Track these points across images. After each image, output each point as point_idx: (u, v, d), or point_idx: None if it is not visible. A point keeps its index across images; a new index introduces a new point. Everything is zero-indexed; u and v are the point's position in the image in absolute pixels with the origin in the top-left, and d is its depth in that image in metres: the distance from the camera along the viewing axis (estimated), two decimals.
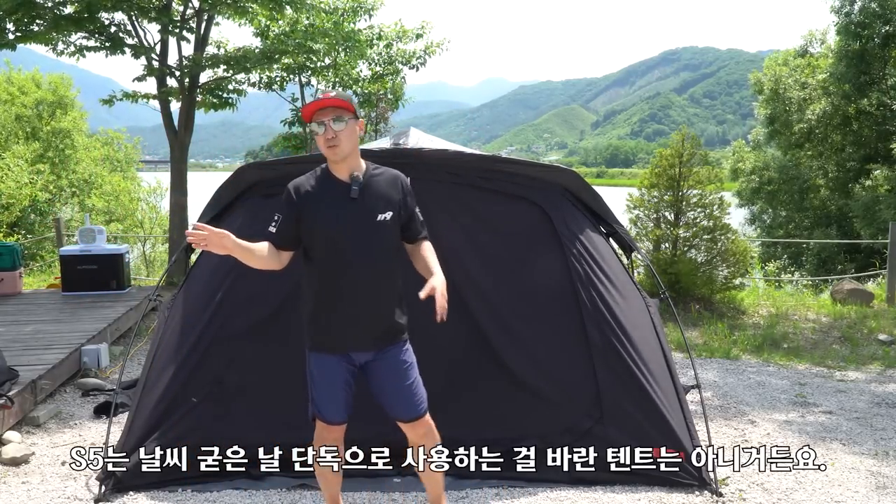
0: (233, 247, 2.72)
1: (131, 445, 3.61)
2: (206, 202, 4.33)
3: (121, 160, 23.14)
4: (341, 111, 2.80)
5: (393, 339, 2.93)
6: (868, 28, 16.29)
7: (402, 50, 12.64)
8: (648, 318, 4.12)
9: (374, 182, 2.90)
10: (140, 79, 9.17)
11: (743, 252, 8.49)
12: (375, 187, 2.89)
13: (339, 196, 2.84)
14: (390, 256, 2.90)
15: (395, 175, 2.98)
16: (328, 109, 2.80)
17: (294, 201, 2.89)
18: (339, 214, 2.82)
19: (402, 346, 2.96)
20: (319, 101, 2.81)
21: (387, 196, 2.89)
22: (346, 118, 2.81)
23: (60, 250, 8.40)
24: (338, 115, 2.79)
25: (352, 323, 2.87)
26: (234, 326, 3.80)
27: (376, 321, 2.89)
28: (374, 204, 2.85)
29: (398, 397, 2.95)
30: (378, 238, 2.84)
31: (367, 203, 2.84)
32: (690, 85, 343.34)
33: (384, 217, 2.85)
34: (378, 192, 2.88)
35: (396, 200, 2.90)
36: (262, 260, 2.86)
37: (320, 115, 2.80)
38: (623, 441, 3.65)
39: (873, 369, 6.35)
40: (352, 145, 2.85)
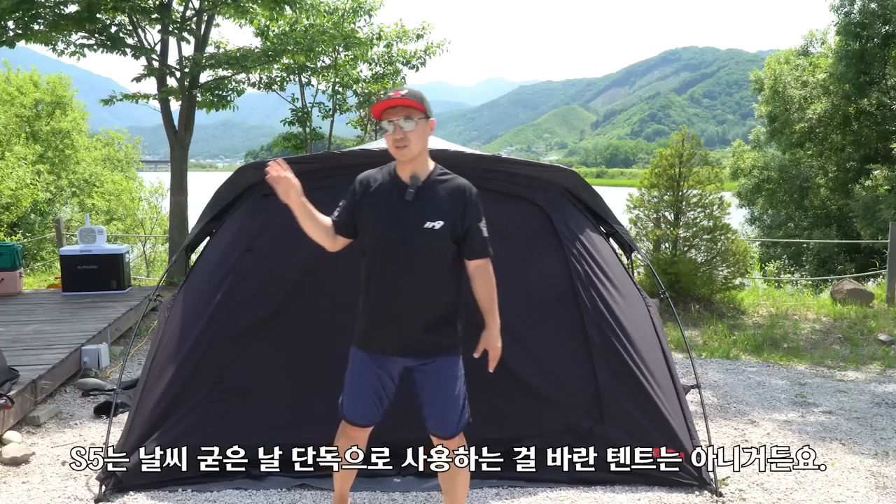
0: (296, 201, 2.70)
1: (131, 445, 3.61)
2: (206, 202, 4.34)
3: (121, 160, 23.16)
4: (412, 110, 2.70)
5: (431, 352, 2.82)
6: (868, 28, 16.29)
7: (403, 50, 12.64)
8: (648, 318, 4.12)
9: (435, 188, 2.76)
10: (140, 79, 9.17)
11: (743, 252, 8.50)
12: (434, 193, 2.75)
13: (397, 197, 2.76)
14: (436, 267, 2.75)
15: (462, 185, 2.79)
16: (398, 108, 2.70)
17: (356, 193, 2.86)
18: (391, 215, 2.75)
19: (448, 361, 2.83)
20: (390, 100, 2.71)
21: (443, 204, 2.73)
22: (416, 118, 2.71)
23: (61, 250, 8.40)
24: (408, 115, 2.70)
25: (383, 325, 2.81)
26: (234, 326, 3.80)
27: (409, 330, 2.79)
28: (427, 210, 2.72)
29: (432, 411, 2.88)
30: (424, 246, 2.72)
31: (421, 208, 2.72)
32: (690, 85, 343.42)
33: (433, 225, 2.70)
34: (435, 199, 2.74)
35: (453, 211, 2.73)
36: (319, 231, 2.84)
37: (389, 113, 2.71)
38: (623, 441, 3.65)
39: (873, 369, 6.35)
40: (420, 146, 2.74)
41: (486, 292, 2.78)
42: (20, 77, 20.50)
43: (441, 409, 2.87)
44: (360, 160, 3.99)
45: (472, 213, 2.75)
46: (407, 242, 2.73)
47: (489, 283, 2.78)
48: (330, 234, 2.87)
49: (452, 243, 2.75)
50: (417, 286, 2.75)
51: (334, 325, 3.83)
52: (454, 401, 2.86)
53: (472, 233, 2.75)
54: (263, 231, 3.95)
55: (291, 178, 2.69)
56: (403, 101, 2.69)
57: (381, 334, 2.83)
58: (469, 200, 2.76)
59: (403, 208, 2.74)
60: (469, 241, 2.75)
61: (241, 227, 4.01)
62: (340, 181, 3.96)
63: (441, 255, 2.76)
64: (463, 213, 2.74)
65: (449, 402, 2.86)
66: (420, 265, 2.74)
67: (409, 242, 2.73)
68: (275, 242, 3.92)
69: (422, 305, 2.77)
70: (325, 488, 3.58)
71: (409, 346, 2.82)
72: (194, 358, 3.75)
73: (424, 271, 2.75)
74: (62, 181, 19.13)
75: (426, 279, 2.75)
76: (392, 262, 2.76)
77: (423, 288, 2.76)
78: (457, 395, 2.86)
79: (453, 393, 2.85)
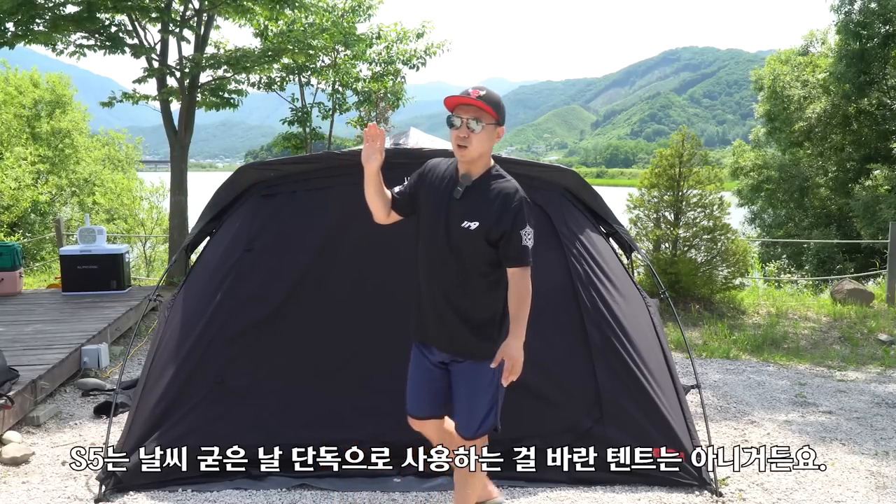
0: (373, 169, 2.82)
1: (131, 445, 3.61)
2: (206, 202, 4.33)
3: (121, 160, 23.15)
4: (484, 113, 2.68)
5: (462, 352, 2.81)
6: (868, 28, 16.28)
7: (403, 50, 12.64)
8: (648, 318, 4.12)
9: (483, 189, 2.73)
10: (140, 79, 9.17)
11: (743, 252, 8.50)
12: (480, 194, 2.72)
13: (449, 192, 2.77)
14: (472, 270, 2.72)
15: (507, 189, 2.72)
16: (471, 108, 2.68)
17: (421, 177, 2.90)
18: (439, 210, 2.76)
19: (479, 365, 2.79)
20: (465, 97, 2.68)
21: (484, 205, 2.70)
22: (485, 122, 2.68)
23: (60, 250, 8.40)
24: (478, 117, 2.67)
25: (423, 315, 2.88)
26: (234, 326, 3.80)
27: (443, 326, 2.81)
28: (468, 209, 2.71)
29: (457, 408, 2.89)
30: (459, 245, 2.71)
31: (464, 207, 2.72)
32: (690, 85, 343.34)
33: (468, 225, 2.68)
34: (479, 200, 2.72)
35: (491, 212, 2.68)
36: (378, 201, 2.91)
37: (461, 110, 2.69)
38: (623, 441, 3.65)
39: (873, 369, 6.35)
40: (481, 150, 2.71)
41: (515, 302, 2.69)
42: (19, 77, 20.51)
43: (464, 409, 2.87)
44: (359, 160, 3.99)
45: (510, 218, 2.67)
46: (445, 239, 2.74)
47: (519, 294, 2.69)
48: (386, 207, 2.92)
49: (488, 247, 2.70)
50: (452, 285, 2.76)
51: (334, 325, 3.84)
52: (479, 404, 2.84)
53: (509, 239, 2.68)
54: (263, 231, 3.95)
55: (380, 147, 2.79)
56: (478, 102, 2.66)
57: (422, 324, 2.89)
58: (509, 205, 2.68)
59: (449, 204, 2.75)
60: (504, 246, 2.69)
61: (241, 227, 4.01)
62: (340, 181, 3.98)
63: (475, 258, 2.72)
64: (500, 217, 2.68)
65: (474, 404, 2.85)
66: (455, 265, 2.74)
67: (447, 239, 2.74)
68: (275, 242, 3.92)
69: (455, 305, 2.77)
70: (325, 488, 3.58)
71: (443, 342, 2.84)
72: (194, 358, 3.75)
73: (459, 271, 2.74)
74: (62, 181, 19.12)
75: (460, 280, 2.74)
76: (430, 256, 2.80)
77: (457, 288, 2.76)
78: (484, 399, 2.83)
79: (480, 396, 2.83)
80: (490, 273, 2.75)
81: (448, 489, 3.59)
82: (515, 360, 2.66)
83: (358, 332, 3.82)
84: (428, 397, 2.94)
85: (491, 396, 2.84)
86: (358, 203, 3.95)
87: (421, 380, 2.94)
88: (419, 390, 2.96)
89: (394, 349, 3.80)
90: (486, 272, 2.74)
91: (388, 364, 3.79)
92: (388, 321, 3.82)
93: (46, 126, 19.82)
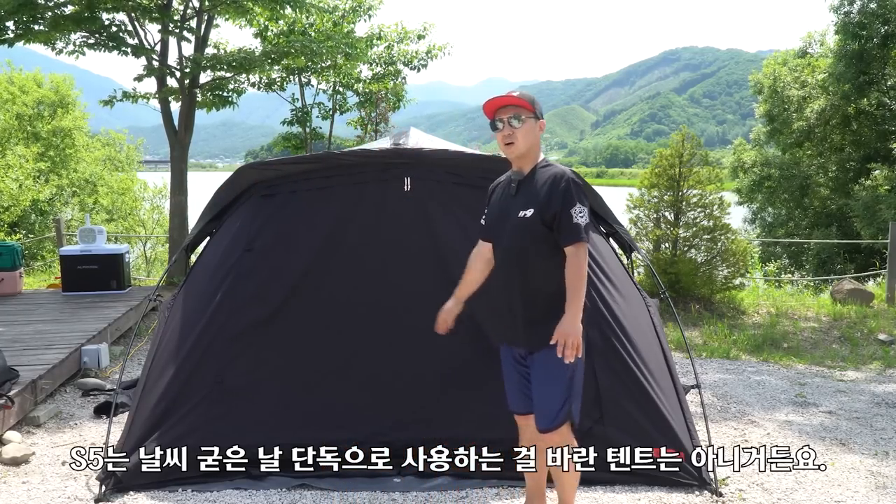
0: (454, 307, 3.16)
1: (131, 445, 3.61)
2: (206, 202, 4.34)
3: (122, 160, 23.15)
4: (521, 110, 2.86)
5: (534, 342, 2.88)
6: (867, 28, 16.28)
7: (404, 51, 12.63)
8: (648, 318, 4.12)
9: (533, 179, 2.90)
10: (140, 79, 9.17)
11: (743, 252, 8.49)
12: (531, 184, 2.89)
13: (506, 193, 2.98)
14: (535, 257, 2.83)
15: (555, 172, 2.87)
16: (508, 108, 2.87)
17: (489, 198, 3.12)
18: (499, 209, 2.97)
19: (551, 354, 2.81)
20: (500, 99, 2.88)
21: (535, 193, 2.85)
22: (524, 117, 2.86)
23: (60, 250, 8.40)
24: (517, 114, 2.86)
25: (493, 314, 3.02)
26: (234, 326, 3.80)
27: (514, 320, 2.90)
28: (522, 200, 2.87)
29: (535, 400, 2.94)
30: (518, 235, 2.85)
31: (519, 199, 2.89)
32: (690, 85, 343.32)
33: (524, 214, 2.84)
34: (530, 189, 2.88)
35: (541, 197, 2.83)
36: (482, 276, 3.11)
37: (501, 112, 2.88)
38: (623, 441, 3.65)
39: (873, 369, 6.35)
40: (528, 144, 2.88)
41: (569, 278, 2.78)
42: (22, 77, 20.51)
43: (539, 401, 2.90)
44: (359, 160, 4.01)
45: (559, 198, 2.80)
46: (507, 233, 2.90)
47: (573, 269, 2.78)
48: (485, 259, 3.09)
49: (547, 230, 2.82)
50: (513, 275, 2.87)
51: (334, 325, 3.84)
52: (552, 394, 2.87)
53: (561, 217, 2.79)
54: (263, 231, 3.95)
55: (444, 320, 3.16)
56: (514, 100, 2.87)
57: (494, 324, 3.05)
58: (556, 186, 2.81)
59: (507, 202, 2.94)
60: (557, 226, 2.80)
61: (241, 227, 4.01)
62: (340, 181, 3.98)
63: (531, 243, 2.84)
64: (549, 199, 2.81)
65: (547, 393, 2.88)
66: (514, 254, 2.87)
67: (508, 233, 2.89)
68: (275, 242, 3.92)
69: (523, 296, 2.87)
70: (325, 488, 3.58)
71: (515, 336, 2.93)
72: (194, 358, 3.75)
73: (517, 260, 2.86)
74: (63, 181, 19.12)
75: (520, 268, 2.85)
76: (498, 254, 2.96)
77: (517, 276, 2.86)
78: (557, 388, 2.86)
79: (553, 386, 2.86)
80: (551, 258, 2.83)
81: (448, 489, 3.60)
82: (568, 334, 2.71)
83: (358, 332, 3.82)
84: (521, 394, 3.02)
85: (564, 386, 2.85)
86: (358, 203, 3.97)
87: (511, 378, 3.05)
88: (512, 387, 3.06)
89: (394, 349, 3.81)
90: (546, 257, 2.84)
91: (388, 364, 3.80)
92: (388, 321, 3.83)
93: (47, 126, 19.82)
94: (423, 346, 3.79)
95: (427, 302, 3.84)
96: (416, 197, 3.92)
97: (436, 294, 3.84)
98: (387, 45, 12.52)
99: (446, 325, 3.14)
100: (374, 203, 3.94)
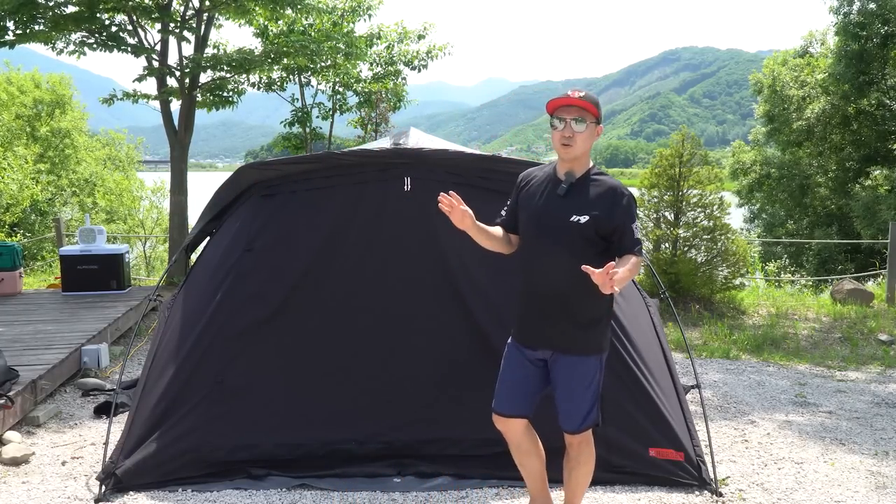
0: (471, 226, 2.91)
1: (131, 445, 3.61)
2: (206, 202, 4.34)
3: (122, 160, 23.14)
4: (586, 113, 2.82)
5: (566, 346, 2.88)
6: (867, 28, 16.29)
7: (405, 51, 12.63)
8: (648, 318, 4.12)
9: (587, 185, 2.87)
10: (140, 79, 9.17)
11: (743, 252, 8.49)
12: (585, 190, 2.86)
13: (551, 191, 2.90)
14: (578, 260, 2.75)
15: (614, 186, 2.87)
16: (573, 108, 2.82)
17: (518, 188, 3.04)
18: (544, 208, 2.89)
19: (581, 359, 2.88)
20: (567, 98, 2.82)
21: (592, 200, 2.83)
22: (587, 121, 2.83)
23: (60, 250, 8.39)
24: (581, 116, 2.82)
25: (528, 315, 2.94)
26: (234, 326, 3.80)
27: (551, 321, 2.88)
28: (576, 205, 2.83)
29: (562, 402, 2.95)
30: (568, 238, 2.81)
31: (571, 203, 2.84)
32: (690, 85, 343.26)
33: (579, 219, 2.80)
34: (585, 195, 2.85)
35: (600, 206, 2.81)
36: (495, 243, 3.02)
37: (563, 111, 2.83)
38: (623, 441, 3.65)
39: (873, 369, 6.35)
40: (585, 148, 2.87)
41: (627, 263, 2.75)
42: (20, 76, 20.49)
43: (568, 402, 2.93)
44: (359, 160, 4.01)
45: (622, 212, 2.81)
46: (553, 235, 2.84)
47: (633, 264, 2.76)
48: (504, 239, 3.04)
49: (599, 239, 2.82)
50: (558, 277, 2.83)
51: (334, 325, 3.84)
52: (584, 398, 2.91)
53: (623, 232, 2.81)
54: (263, 231, 3.95)
55: (464, 208, 2.88)
56: (580, 102, 2.80)
57: (527, 326, 2.95)
58: (619, 200, 2.82)
59: (554, 202, 2.87)
60: (619, 238, 2.82)
61: (241, 227, 4.01)
62: (340, 181, 3.98)
63: (582, 248, 2.81)
64: (610, 211, 2.80)
65: (578, 397, 2.91)
66: (561, 257, 2.82)
67: (556, 235, 2.84)
68: (275, 242, 3.92)
69: (565, 299, 2.85)
70: (325, 488, 3.58)
71: (551, 338, 2.90)
72: (194, 358, 3.75)
73: (565, 263, 2.81)
74: (62, 181, 19.11)
75: (567, 271, 2.79)
76: (538, 254, 2.89)
77: (563, 279, 2.82)
78: (588, 393, 2.91)
79: (582, 391, 2.91)
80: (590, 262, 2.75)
81: (448, 489, 3.60)
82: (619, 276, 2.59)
83: (358, 332, 3.82)
84: (520, 395, 2.99)
85: (595, 391, 2.93)
86: (358, 203, 3.97)
87: (515, 378, 2.99)
88: (512, 388, 3.00)
89: (394, 349, 3.82)
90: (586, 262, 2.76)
91: (388, 364, 3.80)
92: (389, 321, 3.83)
93: (46, 126, 19.81)
94: (423, 346, 3.80)
95: (427, 302, 3.85)
96: (416, 197, 3.92)
97: (436, 294, 3.85)
98: (387, 45, 12.51)
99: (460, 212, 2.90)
100: (374, 203, 3.94)
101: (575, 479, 3.11)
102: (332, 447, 3.69)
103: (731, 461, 4.11)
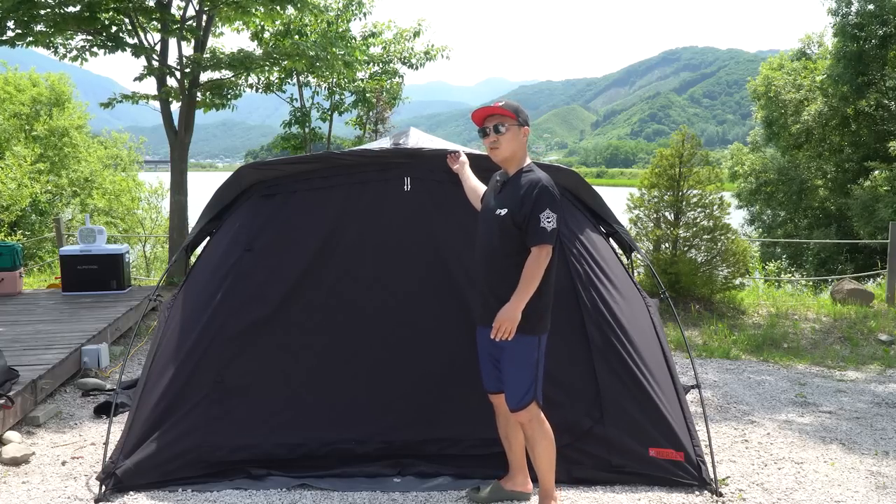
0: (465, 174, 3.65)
1: (131, 445, 3.61)
2: (206, 202, 4.33)
3: (123, 159, 23.11)
4: (505, 118, 3.17)
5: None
6: (865, 29, 16.29)
7: (400, 49, 12.62)
8: (648, 318, 4.12)
9: (515, 181, 3.16)
10: (140, 78, 9.17)
11: (743, 252, 8.49)
12: (513, 186, 3.16)
13: (492, 188, 3.30)
14: (500, 251, 3.11)
15: (533, 178, 3.12)
16: (494, 117, 3.20)
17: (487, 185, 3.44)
18: (485, 203, 3.30)
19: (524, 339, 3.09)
20: (487, 109, 3.21)
21: (511, 195, 3.13)
22: (507, 125, 3.16)
23: (60, 250, 8.39)
24: (501, 122, 3.17)
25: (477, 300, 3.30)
26: (235, 326, 3.80)
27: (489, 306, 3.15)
28: (501, 200, 3.16)
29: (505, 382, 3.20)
30: (493, 231, 3.15)
31: (500, 198, 3.17)
32: (690, 85, 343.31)
33: (500, 212, 3.12)
34: (510, 190, 3.15)
35: (517, 200, 3.08)
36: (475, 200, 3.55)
37: (486, 121, 3.22)
38: (623, 441, 3.65)
39: (873, 369, 6.35)
40: (511, 150, 3.18)
41: (525, 271, 3.04)
42: (18, 76, 20.46)
43: (507, 382, 3.18)
44: (359, 160, 4.00)
45: (530, 202, 3.05)
46: (485, 225, 3.22)
47: (531, 265, 3.03)
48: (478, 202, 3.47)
49: (516, 229, 3.08)
50: (491, 269, 3.16)
51: (334, 325, 3.84)
52: (521, 378, 3.14)
53: (529, 220, 3.04)
54: (263, 231, 3.95)
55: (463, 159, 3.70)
56: (498, 110, 3.18)
57: (477, 307, 3.29)
58: (530, 192, 3.07)
59: (492, 199, 3.25)
60: (525, 227, 3.06)
61: (241, 227, 4.01)
62: (340, 181, 3.98)
63: (502, 240, 3.11)
64: (522, 203, 3.06)
65: (515, 377, 3.15)
66: (488, 247, 3.18)
67: (486, 228, 3.21)
68: (275, 242, 3.92)
69: (493, 286, 3.14)
70: (325, 488, 3.58)
71: (486, 318, 3.16)
72: (194, 358, 3.75)
73: (489, 253, 3.17)
74: (62, 180, 19.09)
75: (497, 262, 3.13)
76: (479, 245, 3.25)
77: (495, 270, 3.14)
78: (524, 373, 3.13)
79: (521, 371, 3.14)
80: (516, 255, 3.09)
81: (448, 489, 3.60)
82: (502, 320, 3.01)
83: (358, 332, 3.82)
84: (493, 373, 3.28)
85: (531, 371, 3.14)
86: (357, 203, 3.97)
87: (483, 358, 3.32)
88: (484, 367, 3.33)
89: (394, 349, 3.82)
90: (509, 253, 3.10)
91: (388, 364, 3.80)
92: (388, 320, 3.83)
93: (44, 126, 19.79)
94: (422, 345, 3.80)
95: (426, 301, 3.85)
96: (415, 197, 3.92)
97: (435, 294, 3.85)
98: (384, 46, 12.52)
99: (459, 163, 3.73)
100: (374, 203, 3.94)
101: (533, 460, 3.28)
102: (332, 447, 3.69)
103: (731, 461, 4.11)
